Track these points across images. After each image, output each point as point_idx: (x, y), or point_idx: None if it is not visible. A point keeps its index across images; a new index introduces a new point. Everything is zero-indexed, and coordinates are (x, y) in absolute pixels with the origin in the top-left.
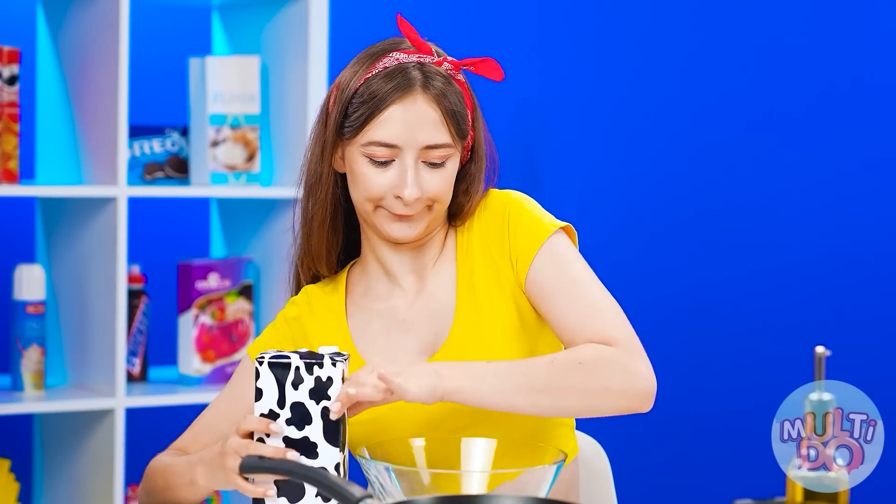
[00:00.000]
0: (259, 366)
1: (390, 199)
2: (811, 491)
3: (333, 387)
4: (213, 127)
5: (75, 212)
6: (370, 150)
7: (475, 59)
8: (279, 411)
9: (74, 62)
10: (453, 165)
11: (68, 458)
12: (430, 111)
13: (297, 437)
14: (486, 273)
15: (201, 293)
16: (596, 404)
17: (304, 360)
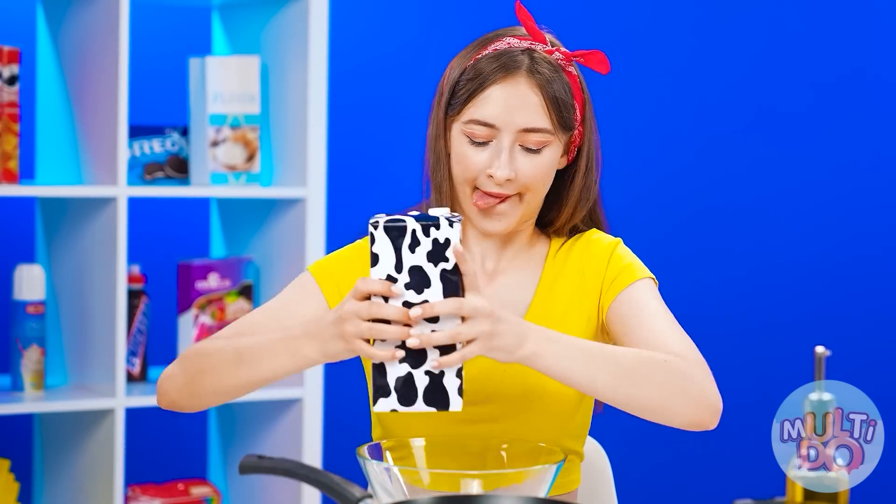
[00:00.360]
0: (374, 230)
1: (483, 178)
2: (811, 491)
3: (451, 248)
4: (212, 127)
5: (75, 212)
6: (470, 128)
7: (585, 51)
8: (397, 276)
9: (74, 62)
10: (551, 154)
11: (68, 458)
12: (532, 95)
13: (416, 300)
14: (570, 291)
15: (201, 293)
16: (670, 405)
17: (420, 223)
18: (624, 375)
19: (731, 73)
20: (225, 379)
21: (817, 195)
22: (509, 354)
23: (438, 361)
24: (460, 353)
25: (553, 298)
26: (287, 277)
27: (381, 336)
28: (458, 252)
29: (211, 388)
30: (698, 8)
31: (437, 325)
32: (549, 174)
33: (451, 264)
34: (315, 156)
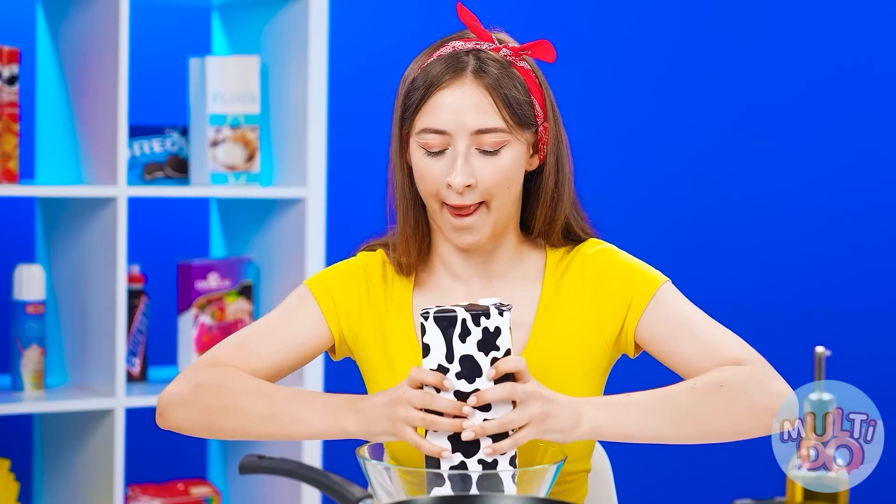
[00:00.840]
0: (425, 321)
1: (444, 189)
2: (811, 491)
3: (502, 337)
4: (212, 127)
5: (75, 212)
6: (423, 138)
7: (531, 43)
8: (448, 366)
9: (74, 62)
10: (511, 155)
11: (68, 459)
12: (481, 96)
13: (468, 390)
14: (574, 307)
15: (201, 293)
16: (743, 425)
17: (471, 312)
18: (687, 417)
19: (730, 71)
20: (250, 427)
21: (816, 194)
22: (567, 435)
23: (492, 448)
24: (513, 440)
25: (556, 315)
26: (287, 277)
27: (435, 427)
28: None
29: (231, 431)
30: (696, 5)
31: (489, 413)
32: (511, 176)
33: (501, 352)
34: (315, 156)
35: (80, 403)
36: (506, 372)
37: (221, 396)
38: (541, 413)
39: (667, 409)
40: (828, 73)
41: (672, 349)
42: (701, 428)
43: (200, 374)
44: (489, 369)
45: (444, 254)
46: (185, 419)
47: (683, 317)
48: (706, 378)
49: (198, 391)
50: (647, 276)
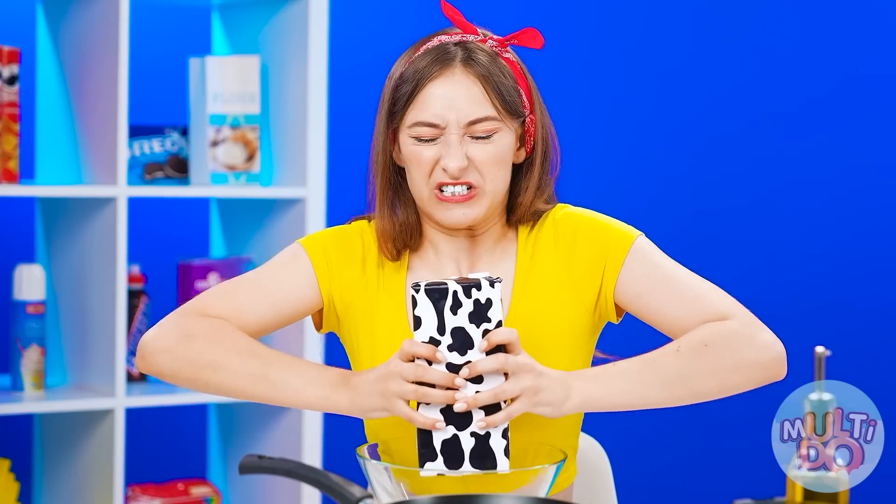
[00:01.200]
0: (416, 293)
1: (438, 172)
2: (811, 491)
3: (493, 308)
4: (212, 127)
5: (75, 212)
6: (415, 131)
7: (516, 32)
8: (440, 338)
9: (74, 62)
10: (503, 141)
11: (68, 459)
12: (472, 85)
13: (460, 362)
14: (550, 274)
15: (201, 293)
16: (731, 382)
17: (462, 285)
18: (675, 381)
19: (731, 71)
20: (238, 386)
21: (814, 193)
22: (557, 408)
23: (485, 421)
24: (506, 412)
25: (532, 286)
26: None
27: (427, 400)
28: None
29: (217, 386)
30: (699, 6)
31: (481, 385)
32: (503, 160)
33: (493, 324)
34: (315, 155)
35: (79, 403)
36: (497, 343)
37: (213, 351)
38: (532, 386)
39: (654, 375)
40: (831, 73)
41: (653, 307)
42: (691, 389)
43: (190, 322)
44: (481, 341)
45: (435, 239)
46: (170, 367)
47: (662, 272)
48: (690, 338)
49: (187, 340)
50: (620, 232)
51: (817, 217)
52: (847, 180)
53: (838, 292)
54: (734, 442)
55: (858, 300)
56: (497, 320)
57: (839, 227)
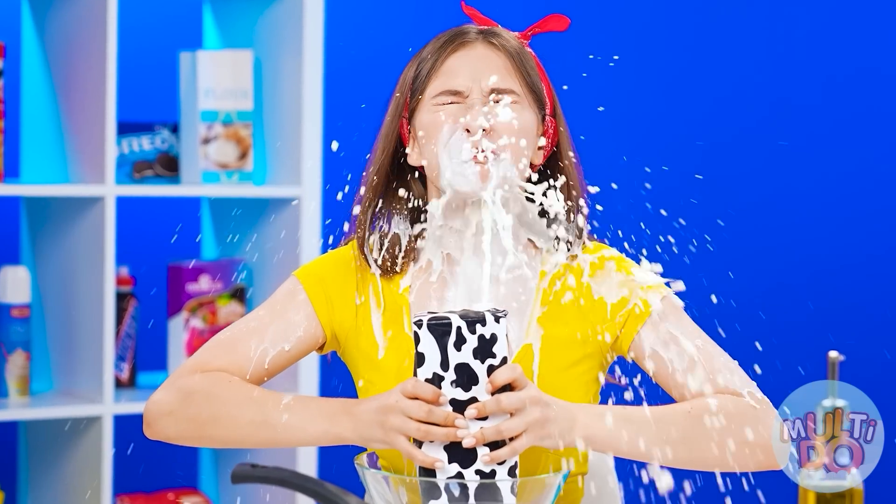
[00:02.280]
0: (418, 329)
1: (459, 135)
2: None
3: (498, 344)
4: (204, 124)
5: (61, 212)
6: (437, 100)
7: (538, 22)
8: (443, 374)
9: (61, 57)
10: (526, 115)
11: (54, 467)
12: (494, 56)
13: (463, 398)
14: (569, 314)
15: (192, 296)
16: (734, 457)
17: (466, 320)
18: (680, 442)
19: (744, 68)
20: (242, 436)
21: (823, 194)
22: (560, 440)
23: (490, 457)
24: (510, 448)
25: (552, 316)
26: (281, 280)
27: (430, 438)
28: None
29: (222, 440)
30: (709, 6)
31: (485, 421)
32: (526, 130)
33: (498, 360)
34: (310, 153)
35: (66, 410)
36: (502, 384)
37: (211, 405)
38: (539, 418)
39: (659, 432)
40: (845, 72)
41: (670, 368)
42: (691, 454)
43: (188, 381)
44: (485, 378)
45: (446, 241)
46: (174, 429)
47: (680, 336)
48: (703, 403)
49: (186, 400)
50: (648, 287)
51: (819, 217)
52: (858, 182)
53: (839, 292)
54: None
55: (858, 299)
56: (502, 356)
57: (848, 228)
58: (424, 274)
